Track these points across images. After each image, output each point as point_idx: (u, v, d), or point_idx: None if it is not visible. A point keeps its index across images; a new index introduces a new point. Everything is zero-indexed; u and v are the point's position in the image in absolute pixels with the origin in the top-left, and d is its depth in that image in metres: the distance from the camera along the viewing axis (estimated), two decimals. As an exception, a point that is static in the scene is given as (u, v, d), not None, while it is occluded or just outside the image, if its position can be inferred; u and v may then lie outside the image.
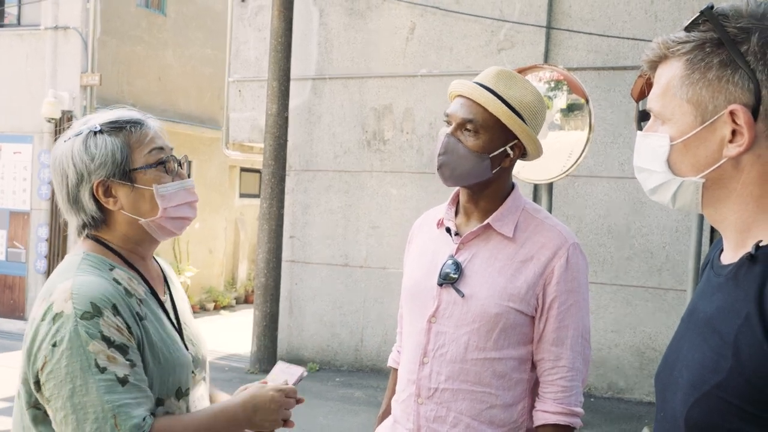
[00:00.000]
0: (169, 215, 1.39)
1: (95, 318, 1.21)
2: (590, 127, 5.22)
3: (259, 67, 7.71)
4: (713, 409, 0.88)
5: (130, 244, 1.40)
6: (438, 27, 7.02)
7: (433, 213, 1.86)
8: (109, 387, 1.19)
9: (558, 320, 1.64)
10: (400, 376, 1.79)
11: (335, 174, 7.34)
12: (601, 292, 6.47)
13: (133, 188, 1.36)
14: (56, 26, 9.49)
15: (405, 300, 1.80)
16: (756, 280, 0.88)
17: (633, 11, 6.38)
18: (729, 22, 0.92)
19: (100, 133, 1.36)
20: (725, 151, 0.93)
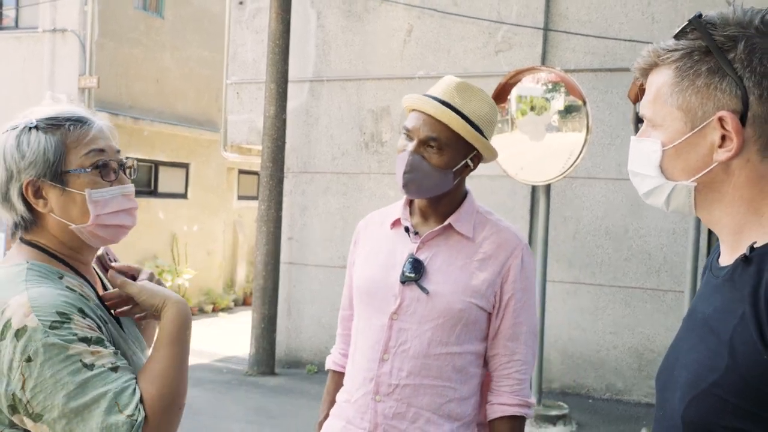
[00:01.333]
0: (102, 222, 1.29)
1: (65, 324, 1.15)
2: (588, 129, 5.24)
3: (256, 69, 7.71)
4: (710, 407, 0.90)
5: (67, 250, 1.30)
6: (435, 29, 7.03)
7: (379, 215, 1.91)
8: (103, 379, 1.15)
9: (514, 317, 1.71)
10: (353, 375, 1.78)
11: (333, 176, 7.34)
12: (599, 294, 6.48)
13: (64, 191, 1.26)
14: (54, 29, 9.50)
15: (359, 300, 1.81)
16: (750, 280, 0.90)
17: (630, 13, 6.39)
18: (716, 31, 0.95)
19: (35, 129, 1.27)
20: (715, 156, 0.96)
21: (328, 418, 1.87)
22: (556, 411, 5.55)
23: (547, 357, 6.43)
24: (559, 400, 6.09)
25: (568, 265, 6.57)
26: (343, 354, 1.93)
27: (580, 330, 6.54)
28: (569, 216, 6.58)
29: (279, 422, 5.55)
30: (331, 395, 1.94)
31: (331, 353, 1.99)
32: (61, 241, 1.30)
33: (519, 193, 6.66)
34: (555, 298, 6.52)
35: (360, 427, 1.72)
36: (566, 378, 6.58)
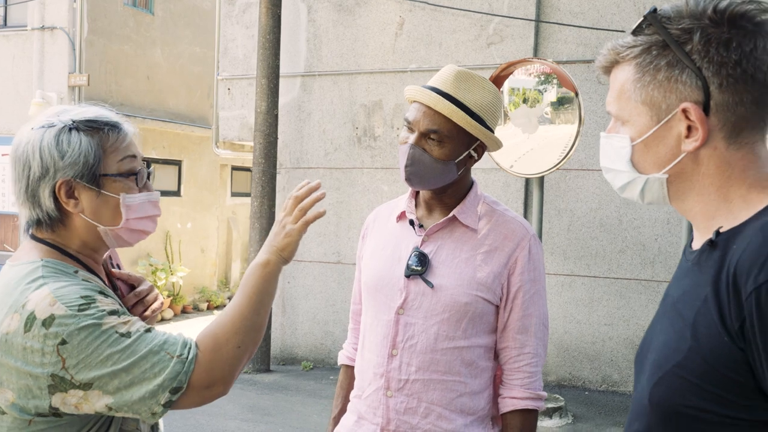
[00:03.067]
0: (130, 226, 1.34)
1: (92, 304, 1.18)
2: (580, 120, 5.22)
3: (247, 65, 7.67)
4: (674, 388, 0.93)
5: (87, 249, 1.34)
6: (427, 22, 6.99)
7: (387, 208, 1.89)
8: (141, 340, 1.19)
9: (523, 309, 1.70)
10: (364, 371, 1.77)
11: (326, 171, 7.31)
12: (594, 286, 6.47)
13: (99, 194, 1.30)
14: (43, 26, 9.43)
15: (366, 294, 1.80)
16: (714, 264, 0.93)
17: (622, 3, 6.37)
18: (672, 24, 0.97)
19: (75, 129, 1.28)
20: (683, 147, 0.99)
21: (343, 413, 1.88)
22: (552, 403, 5.55)
23: (542, 350, 6.42)
24: (555, 392, 6.09)
25: (562, 258, 6.57)
26: (355, 348, 1.91)
27: (576, 322, 6.53)
28: (563, 208, 6.57)
29: (274, 419, 5.53)
30: (345, 390, 1.92)
31: (343, 348, 1.97)
32: (83, 241, 1.32)
33: (512, 185, 6.64)
34: (550, 291, 6.51)
35: (373, 422, 1.72)
36: (562, 370, 6.58)
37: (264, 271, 1.34)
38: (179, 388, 1.19)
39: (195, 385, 1.21)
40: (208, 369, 1.22)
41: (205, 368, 1.22)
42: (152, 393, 1.18)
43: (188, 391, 1.20)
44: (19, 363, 1.17)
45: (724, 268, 0.90)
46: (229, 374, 1.25)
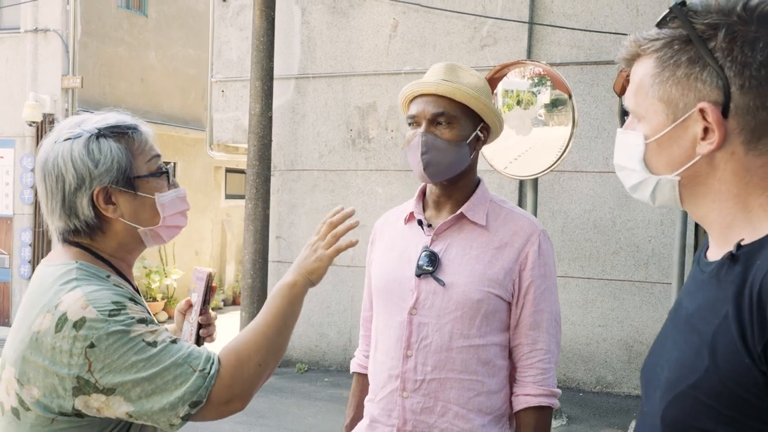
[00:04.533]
0: (167, 224, 1.38)
1: (122, 311, 1.21)
2: (574, 122, 5.23)
3: (241, 67, 7.66)
4: (688, 408, 0.88)
5: (122, 252, 1.37)
6: (421, 24, 7.00)
7: (395, 212, 1.89)
8: (168, 351, 1.21)
9: (534, 305, 1.69)
10: (377, 374, 1.77)
11: (320, 173, 7.31)
12: (588, 287, 6.49)
13: (136, 196, 1.33)
14: (36, 29, 9.40)
15: (377, 297, 1.80)
16: (736, 280, 0.87)
17: (615, 6, 6.39)
18: (698, 19, 0.91)
19: (103, 137, 1.32)
20: (698, 149, 0.93)
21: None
22: (547, 405, 5.55)
23: (537, 351, 6.44)
24: (550, 393, 6.10)
25: (556, 259, 6.57)
26: (366, 356, 1.91)
27: (570, 324, 6.54)
28: (557, 210, 6.58)
29: (269, 421, 5.53)
30: (357, 397, 1.92)
31: (354, 356, 1.96)
32: (121, 244, 1.35)
33: (507, 187, 6.66)
34: (544, 292, 6.52)
35: (387, 425, 1.71)
36: (556, 372, 6.59)
37: (290, 291, 1.37)
38: (199, 402, 1.21)
39: (214, 400, 1.22)
40: (228, 385, 1.24)
41: (226, 384, 1.24)
42: (172, 405, 1.19)
43: (207, 406, 1.22)
44: (47, 362, 1.19)
45: (747, 284, 0.84)
46: (248, 391, 1.27)
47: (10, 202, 9.52)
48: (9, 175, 9.53)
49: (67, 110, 9.27)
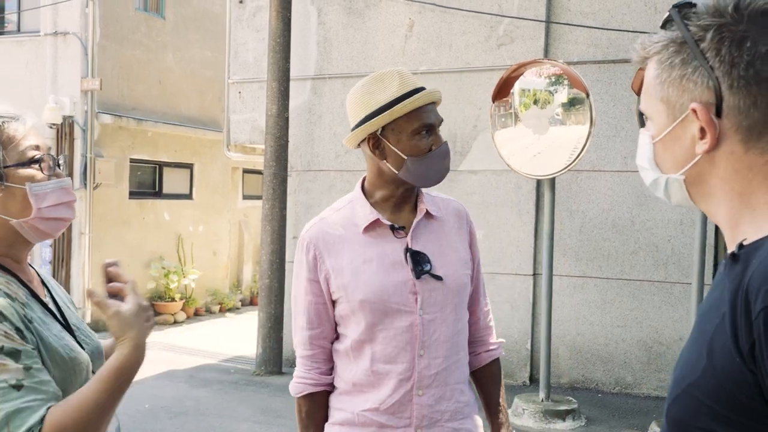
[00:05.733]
0: (43, 215, 1.30)
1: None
2: (591, 122, 5.20)
3: (258, 68, 7.69)
4: (687, 406, 0.90)
5: (5, 247, 1.30)
6: (437, 24, 6.99)
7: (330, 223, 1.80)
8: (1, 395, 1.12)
9: (479, 273, 1.92)
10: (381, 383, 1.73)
11: (337, 173, 7.32)
12: (606, 287, 6.44)
13: (4, 187, 1.27)
14: (56, 32, 9.50)
15: (369, 310, 1.73)
16: (735, 279, 0.88)
17: (632, 3, 6.34)
18: (693, 20, 0.93)
19: None
20: (697, 148, 0.95)
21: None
22: (565, 406, 5.52)
23: (555, 352, 6.39)
24: (568, 394, 6.06)
25: (574, 259, 6.54)
26: (322, 372, 1.81)
27: (588, 324, 6.50)
28: (575, 209, 6.54)
29: (286, 422, 5.54)
30: (315, 419, 1.81)
31: (298, 378, 1.82)
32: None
33: (524, 187, 6.62)
34: (562, 293, 6.49)
35: (399, 426, 1.73)
36: (575, 373, 6.55)
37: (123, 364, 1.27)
38: None
39: None
40: None
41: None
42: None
43: None
44: None
45: (742, 285, 0.85)
46: None
47: (30, 203, 9.62)
48: (30, 177, 9.63)
49: (86, 112, 9.37)
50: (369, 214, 1.77)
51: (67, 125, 9.32)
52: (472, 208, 6.94)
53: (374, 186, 1.81)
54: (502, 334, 6.82)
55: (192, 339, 9.09)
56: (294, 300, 1.86)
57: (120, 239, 9.88)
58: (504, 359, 7.37)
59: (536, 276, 6.59)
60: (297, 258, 1.84)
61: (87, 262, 9.35)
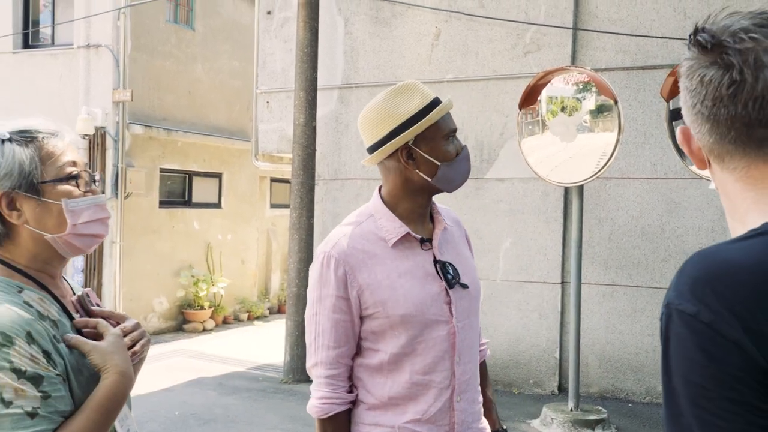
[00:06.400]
0: (77, 232, 1.31)
1: (5, 348, 1.12)
2: (620, 128, 5.16)
3: (286, 78, 7.77)
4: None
5: (38, 262, 1.31)
6: (463, 32, 7.00)
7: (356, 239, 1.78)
8: (14, 421, 1.12)
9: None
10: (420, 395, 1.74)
11: (364, 182, 7.35)
12: (636, 296, 6.36)
13: (40, 202, 1.28)
14: (88, 44, 9.70)
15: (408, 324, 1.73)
16: None
17: (661, 9, 6.28)
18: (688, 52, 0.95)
19: (8, 141, 1.28)
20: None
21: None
22: (595, 416, 5.46)
23: (584, 361, 6.33)
24: (598, 404, 5.99)
25: (603, 267, 6.47)
26: (346, 391, 1.79)
27: (618, 333, 6.43)
28: (604, 217, 6.48)
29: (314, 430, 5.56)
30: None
31: (324, 398, 1.77)
32: (33, 253, 1.30)
33: (551, 195, 6.58)
34: (591, 301, 6.43)
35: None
36: (604, 382, 6.47)
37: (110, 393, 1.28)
38: None
39: None
40: None
41: None
42: None
43: None
44: None
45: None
46: None
47: (64, 212, 9.80)
48: (63, 187, 9.81)
49: (117, 123, 9.53)
50: (399, 228, 1.77)
51: (99, 136, 9.49)
52: (500, 216, 6.93)
53: (397, 198, 1.80)
54: (530, 342, 6.78)
55: (221, 347, 9.17)
56: (312, 319, 1.77)
57: (150, 248, 10.01)
58: (532, 368, 7.29)
59: (564, 284, 6.54)
60: (319, 275, 1.75)
61: (118, 270, 9.49)
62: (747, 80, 0.83)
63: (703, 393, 0.76)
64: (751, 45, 0.83)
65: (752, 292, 0.76)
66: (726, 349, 0.75)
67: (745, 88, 0.83)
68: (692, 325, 0.78)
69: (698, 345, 0.77)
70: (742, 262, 0.79)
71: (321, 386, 1.78)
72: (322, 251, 1.75)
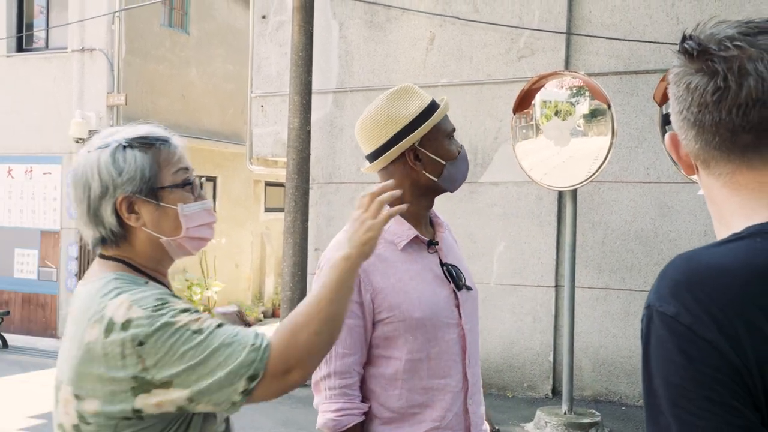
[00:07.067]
0: (190, 235, 1.39)
1: (165, 305, 1.24)
2: (613, 133, 5.18)
3: (280, 82, 7.78)
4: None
5: (152, 262, 1.39)
6: (457, 36, 7.02)
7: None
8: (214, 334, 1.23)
9: None
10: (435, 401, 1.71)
11: (358, 186, 7.36)
12: (630, 299, 6.39)
13: (158, 206, 1.35)
14: (83, 48, 9.69)
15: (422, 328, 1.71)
16: None
17: (654, 14, 6.32)
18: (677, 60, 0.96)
19: (129, 147, 1.35)
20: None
21: None
22: (588, 419, 5.47)
23: (577, 364, 6.35)
24: (591, 407, 6.01)
25: (597, 271, 6.50)
26: (362, 401, 1.71)
27: (611, 336, 6.45)
28: (597, 221, 6.50)
29: (309, 433, 5.56)
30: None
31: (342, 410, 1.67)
32: (147, 254, 1.38)
33: (545, 198, 6.61)
34: (584, 305, 6.45)
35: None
36: (598, 385, 6.49)
37: (345, 264, 1.35)
38: (255, 375, 1.22)
39: (271, 371, 1.23)
40: (283, 355, 1.25)
41: (281, 354, 1.25)
42: (230, 380, 1.21)
43: (265, 379, 1.23)
44: (102, 369, 1.22)
45: None
46: (305, 360, 1.27)
47: (57, 216, 9.79)
48: (57, 191, 9.80)
49: (111, 126, 9.51)
50: (408, 231, 1.75)
51: (93, 139, 9.47)
52: (494, 220, 6.94)
53: (403, 202, 1.73)
54: (524, 346, 6.79)
55: (215, 350, 9.14)
56: None
57: (144, 251, 9.98)
58: (526, 371, 7.29)
59: (558, 288, 6.56)
60: None
61: (112, 274, 9.46)
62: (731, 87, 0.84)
63: (683, 393, 0.77)
64: (735, 53, 0.84)
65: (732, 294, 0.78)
66: (705, 351, 0.76)
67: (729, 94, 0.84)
68: (672, 326, 0.79)
69: (678, 346, 0.78)
70: (722, 265, 0.81)
71: (336, 398, 1.68)
72: (330, 257, 1.69)
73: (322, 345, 1.29)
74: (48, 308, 9.86)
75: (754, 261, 0.80)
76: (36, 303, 9.93)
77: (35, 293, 9.93)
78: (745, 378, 0.75)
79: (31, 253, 9.95)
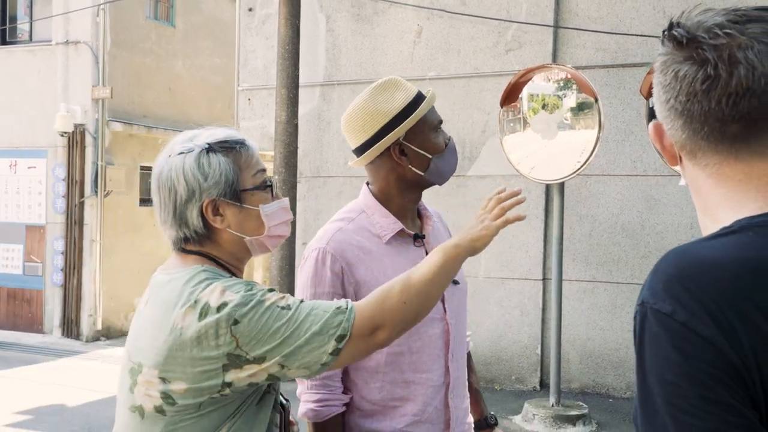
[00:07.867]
0: (271, 233, 1.45)
1: (254, 287, 1.31)
2: (600, 126, 5.20)
3: (267, 75, 7.74)
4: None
5: (233, 260, 1.45)
6: (445, 30, 7.01)
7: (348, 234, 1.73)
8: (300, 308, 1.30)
9: None
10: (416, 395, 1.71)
11: (346, 179, 7.34)
12: (617, 292, 6.42)
13: (242, 208, 1.41)
14: (67, 41, 9.59)
15: None
16: None
17: (641, 8, 6.34)
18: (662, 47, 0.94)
19: (212, 151, 1.40)
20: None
21: None
22: (576, 411, 5.50)
23: (565, 357, 6.38)
24: (579, 400, 6.04)
25: (584, 264, 6.53)
26: (342, 392, 1.72)
27: (598, 329, 6.48)
28: (584, 214, 6.53)
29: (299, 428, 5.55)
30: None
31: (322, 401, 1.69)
32: (230, 252, 1.44)
33: (533, 192, 6.62)
34: (572, 297, 6.48)
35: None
36: (585, 377, 6.53)
37: (453, 251, 1.42)
38: (344, 335, 1.29)
39: (358, 332, 1.30)
40: (369, 316, 1.32)
41: (367, 315, 1.32)
42: (319, 343, 1.28)
43: (353, 339, 1.30)
44: (195, 351, 1.27)
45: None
46: (391, 321, 1.33)
47: (42, 211, 9.70)
48: (42, 185, 9.72)
49: (97, 120, 9.44)
50: (393, 224, 1.74)
51: (79, 133, 9.40)
52: (482, 213, 6.94)
53: (389, 196, 1.76)
54: (512, 339, 6.82)
55: (202, 345, 9.11)
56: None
57: (131, 246, 9.93)
58: (514, 364, 7.32)
59: (546, 281, 6.58)
60: (313, 273, 1.69)
61: (98, 269, 9.40)
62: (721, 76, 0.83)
63: (678, 391, 0.76)
64: (725, 41, 0.83)
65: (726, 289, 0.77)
66: (700, 348, 0.75)
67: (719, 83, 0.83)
68: (667, 324, 0.78)
69: (673, 344, 0.77)
70: (715, 259, 0.79)
71: (318, 388, 1.71)
72: (315, 247, 1.70)
73: (407, 314, 1.35)
74: (34, 303, 9.78)
75: (745, 255, 0.79)
76: (22, 298, 9.84)
77: (21, 288, 9.84)
78: (743, 374, 0.74)
79: (16, 248, 9.86)
